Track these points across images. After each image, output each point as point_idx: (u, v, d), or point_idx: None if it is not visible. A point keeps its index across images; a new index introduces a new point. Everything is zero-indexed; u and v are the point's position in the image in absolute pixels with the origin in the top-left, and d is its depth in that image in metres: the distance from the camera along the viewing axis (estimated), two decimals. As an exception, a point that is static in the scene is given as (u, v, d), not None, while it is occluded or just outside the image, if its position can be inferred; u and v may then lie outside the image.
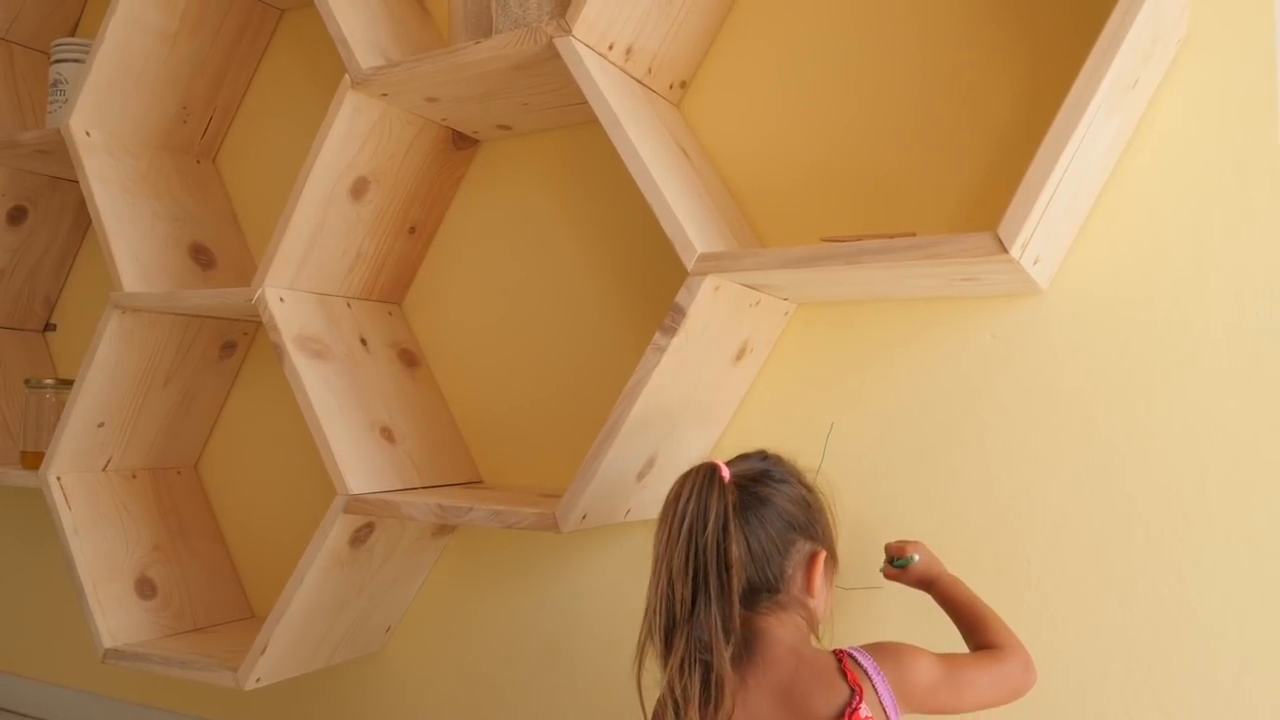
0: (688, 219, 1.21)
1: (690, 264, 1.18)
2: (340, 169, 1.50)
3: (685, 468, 1.06)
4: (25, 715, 2.15)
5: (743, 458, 1.12)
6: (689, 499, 1.01)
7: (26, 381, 1.92)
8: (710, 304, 1.21)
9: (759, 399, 1.44)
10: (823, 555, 1.08)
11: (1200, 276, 1.19)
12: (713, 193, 1.38)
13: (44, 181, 2.07)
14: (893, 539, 1.30)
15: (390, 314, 1.72)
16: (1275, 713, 1.12)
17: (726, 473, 1.04)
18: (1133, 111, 1.17)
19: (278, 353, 1.48)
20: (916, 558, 1.20)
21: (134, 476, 1.85)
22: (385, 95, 1.48)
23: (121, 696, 2.05)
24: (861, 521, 1.34)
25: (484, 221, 1.70)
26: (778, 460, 1.12)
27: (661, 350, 1.19)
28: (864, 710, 0.97)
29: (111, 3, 1.73)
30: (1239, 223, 1.17)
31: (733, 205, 1.43)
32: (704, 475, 1.02)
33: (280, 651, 1.49)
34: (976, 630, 1.13)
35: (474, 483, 1.64)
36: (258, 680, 1.49)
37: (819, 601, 1.07)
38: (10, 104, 2.10)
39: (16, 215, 2.05)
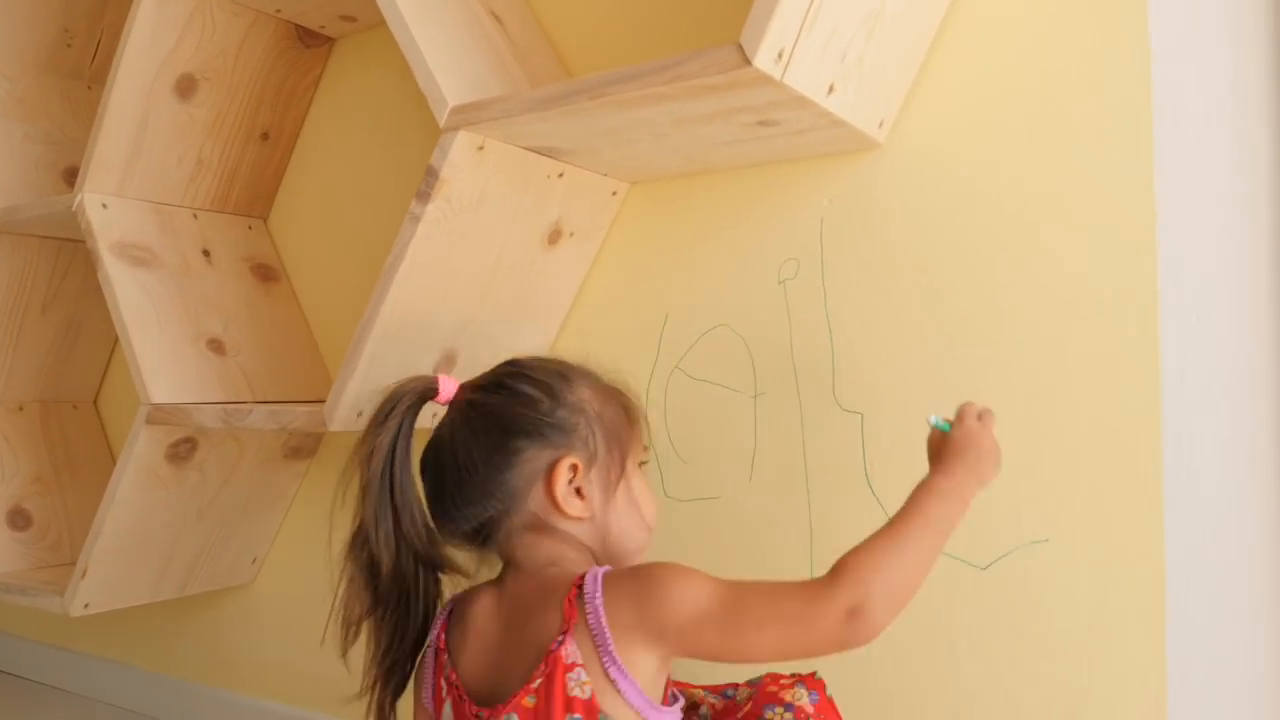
0: (451, 73, 1.08)
1: (442, 119, 1.05)
2: (156, 64, 1.40)
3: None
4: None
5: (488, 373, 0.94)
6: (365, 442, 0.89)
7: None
8: (475, 167, 1.07)
9: (595, 288, 1.30)
10: (566, 463, 0.86)
11: (1046, 128, 1.01)
12: (528, 64, 1.24)
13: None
14: (737, 427, 1.16)
15: (250, 228, 1.63)
16: (1144, 624, 0.95)
17: (450, 388, 0.91)
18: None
19: (93, 260, 1.39)
20: (946, 424, 0.88)
21: (20, 408, 1.79)
22: (197, -20, 1.38)
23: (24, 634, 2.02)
24: (698, 413, 1.19)
25: (346, 125, 1.58)
26: (520, 364, 0.93)
27: (417, 219, 1.06)
28: (566, 651, 0.77)
29: (-29, -82, 1.67)
30: (1085, 66, 0.99)
31: (560, 76, 1.28)
32: (384, 411, 0.89)
33: (106, 576, 1.41)
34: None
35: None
36: (86, 606, 1.41)
37: (587, 514, 0.87)
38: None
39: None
